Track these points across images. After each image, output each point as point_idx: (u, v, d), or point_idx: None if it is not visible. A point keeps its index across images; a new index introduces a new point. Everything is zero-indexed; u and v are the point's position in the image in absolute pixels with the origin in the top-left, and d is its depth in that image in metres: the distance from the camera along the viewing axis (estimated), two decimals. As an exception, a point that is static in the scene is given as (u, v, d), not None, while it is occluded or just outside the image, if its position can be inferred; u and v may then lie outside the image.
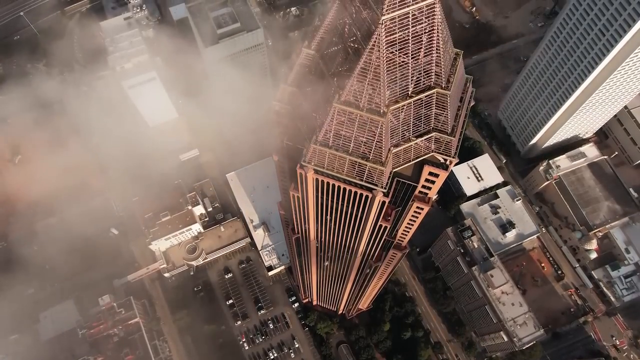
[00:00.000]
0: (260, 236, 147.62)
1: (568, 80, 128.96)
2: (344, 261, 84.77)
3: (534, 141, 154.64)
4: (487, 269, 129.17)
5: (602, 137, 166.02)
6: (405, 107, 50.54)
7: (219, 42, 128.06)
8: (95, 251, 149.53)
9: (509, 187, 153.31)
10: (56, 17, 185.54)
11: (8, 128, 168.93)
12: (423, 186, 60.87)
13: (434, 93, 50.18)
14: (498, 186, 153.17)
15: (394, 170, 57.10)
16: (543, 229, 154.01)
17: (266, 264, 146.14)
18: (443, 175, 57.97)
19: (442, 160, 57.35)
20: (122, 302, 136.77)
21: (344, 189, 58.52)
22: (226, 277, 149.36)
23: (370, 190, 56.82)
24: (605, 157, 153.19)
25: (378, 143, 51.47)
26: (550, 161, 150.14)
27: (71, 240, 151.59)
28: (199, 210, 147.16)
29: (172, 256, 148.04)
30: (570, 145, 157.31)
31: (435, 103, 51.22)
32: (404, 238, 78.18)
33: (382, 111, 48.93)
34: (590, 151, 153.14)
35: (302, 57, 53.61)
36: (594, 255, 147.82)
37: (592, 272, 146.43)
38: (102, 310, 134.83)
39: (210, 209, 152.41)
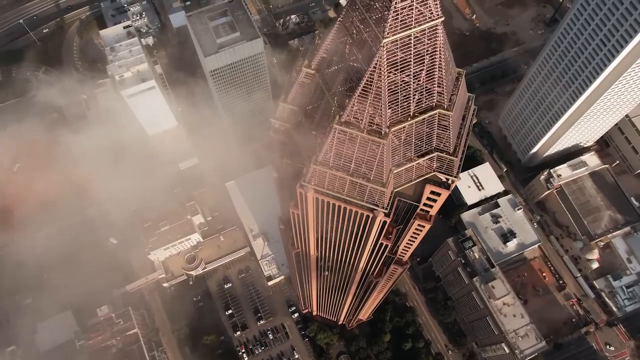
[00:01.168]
0: (259, 246, 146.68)
1: (569, 90, 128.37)
2: (344, 276, 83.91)
3: (534, 150, 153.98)
4: (488, 280, 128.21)
5: (603, 145, 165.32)
6: (407, 127, 49.85)
7: (219, 51, 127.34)
8: (93, 261, 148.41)
9: (509, 196, 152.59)
10: (56, 25, 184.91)
11: (7, 136, 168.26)
12: (425, 204, 60.16)
13: (436, 114, 49.50)
14: (499, 195, 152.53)
15: (396, 190, 56.33)
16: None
17: (266, 273, 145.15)
18: (445, 194, 57.25)
19: (444, 179, 56.64)
20: (121, 313, 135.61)
21: (345, 209, 57.75)
22: (225, 287, 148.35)
23: (371, 210, 56.04)
24: (607, 166, 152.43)
25: (379, 164, 50.73)
26: (551, 170, 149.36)
27: (69, 249, 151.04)
28: (198, 219, 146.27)
29: (171, 266, 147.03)
30: (571, 154, 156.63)
31: (438, 123, 50.55)
32: (405, 253, 77.34)
33: (383, 132, 48.23)
34: (592, 160, 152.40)
35: (301, 76, 52.93)
36: (595, 265, 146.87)
37: (594, 282, 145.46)
38: (101, 321, 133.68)
39: (209, 218, 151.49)
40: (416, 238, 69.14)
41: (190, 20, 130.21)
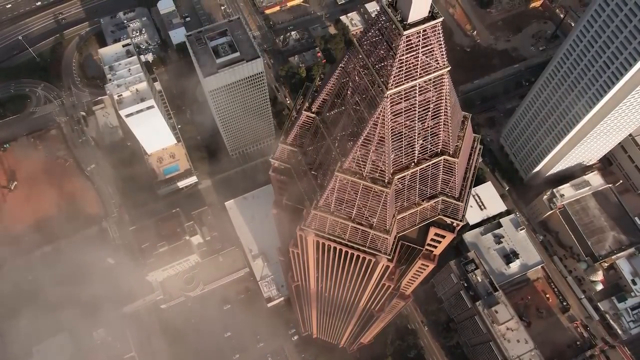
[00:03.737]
0: (259, 266, 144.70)
1: (574, 109, 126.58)
2: (345, 310, 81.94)
3: (537, 169, 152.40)
4: (492, 304, 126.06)
5: (606, 163, 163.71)
6: (411, 174, 48.25)
7: (218, 71, 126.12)
8: (91, 281, 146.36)
9: (512, 215, 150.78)
10: (55, 41, 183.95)
11: (4, 154, 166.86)
12: (428, 244, 58.48)
13: (441, 160, 47.91)
14: (501, 215, 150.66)
15: (399, 235, 54.61)
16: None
17: (265, 295, 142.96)
18: (450, 237, 55.58)
19: (449, 222, 54.98)
20: (118, 336, 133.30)
21: (346, 252, 55.99)
22: (224, 308, 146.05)
23: (373, 255, 54.28)
24: (610, 185, 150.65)
25: (382, 211, 49.08)
26: (554, 190, 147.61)
27: (66, 269, 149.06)
28: (196, 240, 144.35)
29: (169, 287, 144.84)
30: (574, 173, 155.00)
31: (443, 169, 48.95)
32: (408, 288, 75.50)
33: (386, 181, 46.59)
34: (595, 179, 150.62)
35: (302, 119, 51.38)
36: (600, 287, 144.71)
37: (599, 303, 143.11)
38: (97, 344, 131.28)
39: (208, 238, 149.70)
40: (420, 275, 67.37)
41: (190, 40, 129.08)
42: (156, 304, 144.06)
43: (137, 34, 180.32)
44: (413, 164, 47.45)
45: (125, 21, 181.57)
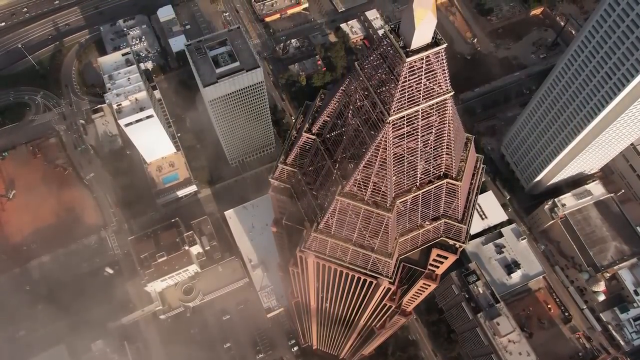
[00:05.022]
0: (258, 276, 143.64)
1: (576, 119, 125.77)
2: (346, 326, 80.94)
3: (539, 178, 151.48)
4: (493, 316, 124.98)
5: (608, 172, 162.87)
6: (413, 197, 47.43)
7: (218, 81, 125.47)
8: (89, 291, 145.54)
9: (513, 225, 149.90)
10: (55, 48, 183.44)
11: (3, 162, 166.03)
12: (431, 264, 57.58)
13: (444, 183, 47.10)
14: (502, 224, 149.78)
15: (401, 257, 53.72)
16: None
17: (265, 305, 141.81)
18: (452, 258, 54.70)
19: (452, 243, 54.12)
20: (116, 347, 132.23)
21: (347, 274, 55.10)
22: (223, 318, 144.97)
23: (374, 277, 53.39)
24: (612, 195, 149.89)
25: (384, 235, 48.23)
26: (556, 199, 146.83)
27: (64, 279, 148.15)
28: (196, 249, 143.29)
29: (168, 297, 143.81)
30: (575, 181, 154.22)
31: (446, 192, 48.14)
32: (410, 305, 74.50)
33: (388, 205, 45.76)
34: (596, 189, 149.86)
35: (302, 140, 50.57)
36: (602, 297, 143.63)
37: (601, 314, 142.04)
38: (95, 356, 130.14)
39: (207, 248, 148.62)
40: (422, 294, 66.44)
41: (189, 50, 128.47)
42: (155, 314, 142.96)
43: (137, 42, 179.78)
44: (415, 187, 46.62)
45: (125, 29, 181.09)
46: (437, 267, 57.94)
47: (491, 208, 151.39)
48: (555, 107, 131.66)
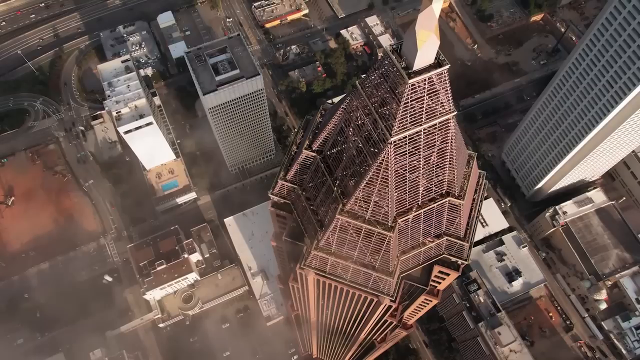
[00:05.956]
0: (258, 284, 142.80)
1: (577, 126, 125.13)
2: (346, 339, 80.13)
3: (540, 185, 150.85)
4: (494, 325, 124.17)
5: (609, 179, 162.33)
6: (415, 215, 46.79)
7: (218, 89, 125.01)
8: (88, 299, 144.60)
9: (514, 232, 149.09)
10: (54, 54, 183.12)
11: (2, 168, 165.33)
12: (432, 280, 56.90)
13: (446, 202, 46.48)
14: (503, 232, 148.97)
15: (402, 275, 53.05)
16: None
17: (264, 313, 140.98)
18: (454, 275, 54.05)
19: (454, 260, 53.46)
20: (115, 356, 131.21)
21: (347, 291, 54.42)
22: (223, 327, 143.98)
23: (376, 295, 52.69)
24: (613, 202, 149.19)
25: (385, 253, 47.57)
26: (557, 207, 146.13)
27: (63, 287, 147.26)
28: (195, 257, 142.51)
29: (167, 305, 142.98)
30: (576, 188, 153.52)
31: (448, 210, 47.51)
32: (411, 319, 73.81)
33: (390, 224, 45.12)
34: (598, 196, 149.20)
35: (302, 157, 49.95)
36: (603, 306, 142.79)
37: (602, 322, 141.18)
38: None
39: (207, 255, 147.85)
40: (423, 309, 65.73)
41: (189, 57, 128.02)
42: (154, 323, 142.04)
43: (137, 48, 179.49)
44: (417, 205, 46.01)
45: (124, 35, 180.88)
46: (439, 283, 57.29)
47: (492, 216, 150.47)
48: (556, 114, 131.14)
